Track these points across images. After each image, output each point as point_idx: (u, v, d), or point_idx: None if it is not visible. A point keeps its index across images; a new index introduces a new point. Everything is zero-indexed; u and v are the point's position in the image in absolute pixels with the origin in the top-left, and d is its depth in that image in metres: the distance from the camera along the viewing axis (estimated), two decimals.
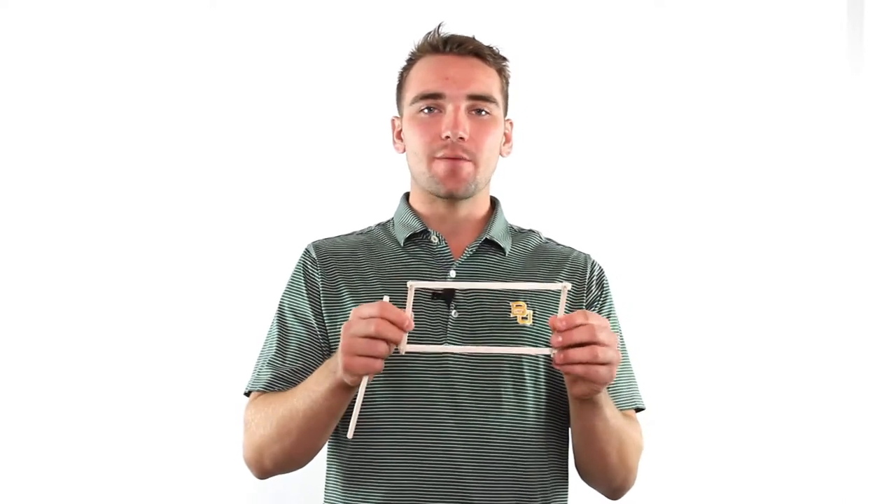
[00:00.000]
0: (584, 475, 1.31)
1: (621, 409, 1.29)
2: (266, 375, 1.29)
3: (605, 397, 1.19)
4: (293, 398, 1.21)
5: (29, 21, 2.04)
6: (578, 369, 1.07)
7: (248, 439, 1.27)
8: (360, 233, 1.40)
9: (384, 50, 1.62)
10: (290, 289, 1.35)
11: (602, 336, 1.07)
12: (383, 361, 1.08)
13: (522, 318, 1.28)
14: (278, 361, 1.29)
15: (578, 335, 1.07)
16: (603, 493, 1.33)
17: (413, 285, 1.09)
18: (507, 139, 1.39)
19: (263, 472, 1.28)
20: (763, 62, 2.12)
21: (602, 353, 1.07)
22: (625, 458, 1.25)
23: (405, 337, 1.09)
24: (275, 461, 1.25)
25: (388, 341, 1.07)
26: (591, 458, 1.25)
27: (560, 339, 1.07)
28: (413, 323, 1.08)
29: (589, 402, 1.17)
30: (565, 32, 2.11)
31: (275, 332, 1.33)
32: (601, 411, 1.19)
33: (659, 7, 2.14)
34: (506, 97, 1.37)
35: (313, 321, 1.30)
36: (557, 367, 1.09)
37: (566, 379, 1.15)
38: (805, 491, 2.02)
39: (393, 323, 1.06)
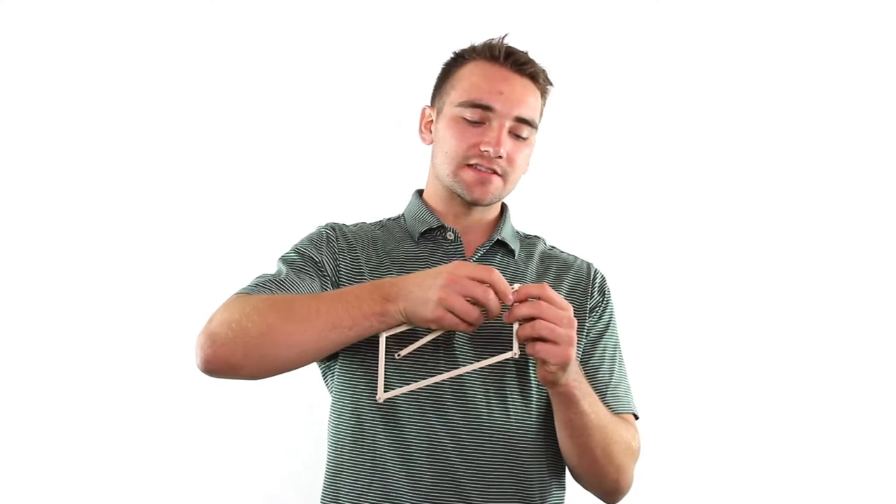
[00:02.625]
0: (575, 475, 1.31)
1: (616, 412, 1.31)
2: (267, 284, 1.21)
3: (581, 391, 1.19)
4: (313, 297, 1.14)
5: (29, 21, 2.04)
6: (530, 347, 1.10)
7: (216, 316, 1.14)
8: (374, 225, 1.42)
9: (388, 51, 1.65)
10: (303, 243, 1.32)
11: (549, 313, 1.10)
12: (472, 326, 1.09)
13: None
14: (280, 279, 1.22)
15: (524, 309, 1.10)
16: (598, 496, 1.32)
17: (384, 335, 1.12)
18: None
19: (214, 357, 1.12)
20: (764, 62, 2.13)
21: (547, 329, 1.09)
22: (611, 456, 1.23)
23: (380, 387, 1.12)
24: (233, 347, 1.10)
25: (484, 309, 1.08)
26: (572, 453, 1.24)
27: (509, 313, 1.11)
28: (512, 298, 1.10)
29: (562, 393, 1.18)
30: (564, 36, 2.12)
31: (279, 266, 1.27)
32: (576, 405, 1.18)
33: (661, 13, 2.14)
34: (540, 119, 1.41)
35: (328, 270, 1.28)
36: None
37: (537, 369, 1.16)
38: (803, 492, 2.04)
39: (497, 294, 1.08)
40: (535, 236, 1.47)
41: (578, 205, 2.09)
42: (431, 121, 1.39)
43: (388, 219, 1.43)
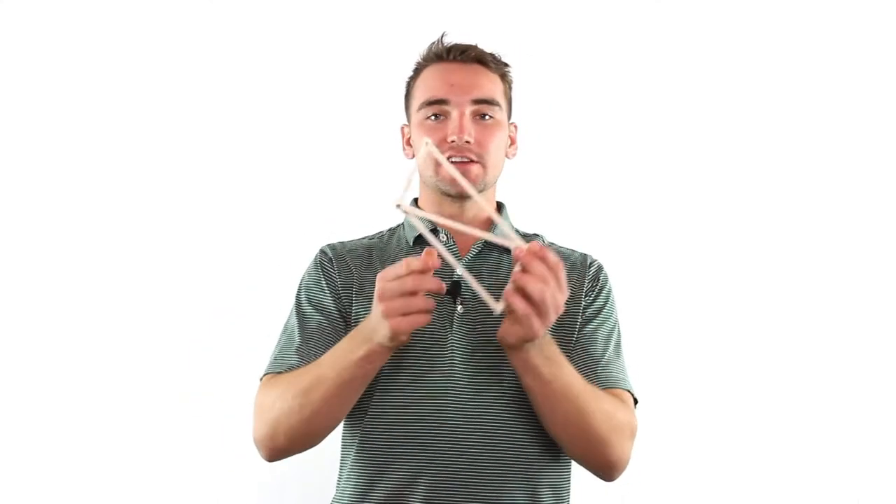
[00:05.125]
0: (563, 449, 1.28)
1: (605, 388, 1.28)
2: (291, 358, 1.29)
3: (539, 357, 1.17)
4: (318, 368, 1.21)
5: (29, 21, 2.06)
6: (518, 303, 1.07)
7: (260, 416, 1.26)
8: (371, 238, 1.45)
9: (390, 57, 1.67)
10: (308, 284, 1.37)
11: (549, 281, 1.07)
12: (429, 314, 1.08)
13: None
14: (303, 347, 1.30)
15: (539, 268, 1.07)
16: (593, 472, 1.29)
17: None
18: (512, 142, 1.45)
19: (275, 451, 1.26)
20: (764, 62, 2.12)
21: (538, 291, 1.06)
22: (588, 428, 1.21)
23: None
24: (291, 436, 1.23)
25: (424, 292, 1.08)
26: (543, 421, 1.23)
27: (522, 253, 1.08)
28: (438, 260, 1.08)
29: (517, 356, 1.17)
30: (563, 37, 2.13)
31: (293, 322, 1.34)
32: (534, 370, 1.18)
33: (661, 13, 2.14)
34: (509, 101, 1.42)
35: (335, 312, 1.32)
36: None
37: (503, 323, 1.14)
38: (801, 491, 2.01)
39: (421, 272, 1.07)
40: (535, 234, 1.46)
41: (577, 203, 2.08)
42: (409, 137, 1.44)
43: (388, 229, 1.46)
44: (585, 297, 1.36)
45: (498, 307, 1.08)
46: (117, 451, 1.98)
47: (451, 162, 1.33)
